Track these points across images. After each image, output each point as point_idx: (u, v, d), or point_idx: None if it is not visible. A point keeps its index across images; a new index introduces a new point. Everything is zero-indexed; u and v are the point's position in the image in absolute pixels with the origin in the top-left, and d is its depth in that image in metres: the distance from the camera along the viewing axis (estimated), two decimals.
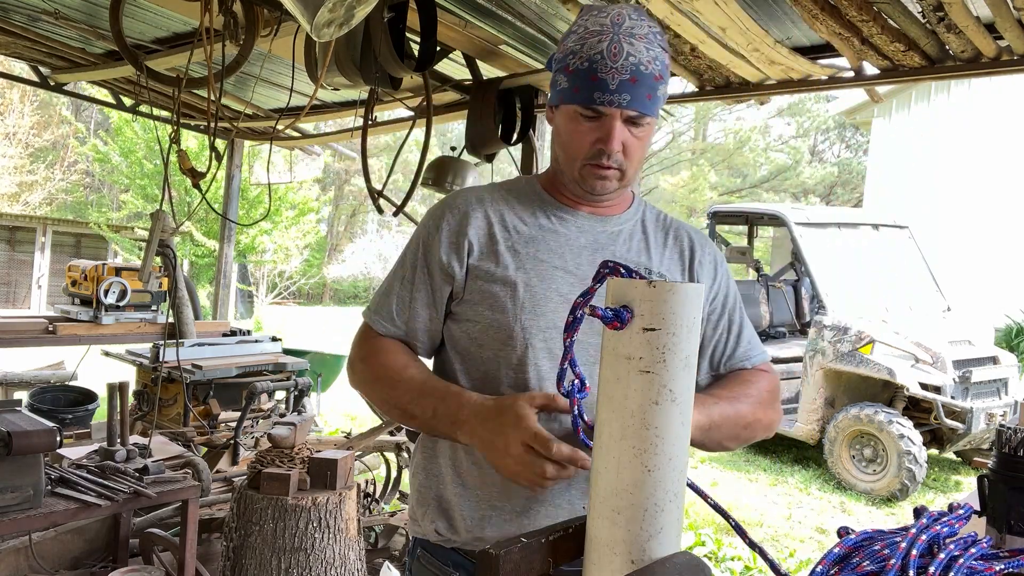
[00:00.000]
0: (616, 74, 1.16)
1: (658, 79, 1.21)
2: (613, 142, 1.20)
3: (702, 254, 1.38)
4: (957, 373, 6.17)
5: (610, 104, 1.17)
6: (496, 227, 1.29)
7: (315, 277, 24.92)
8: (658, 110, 1.23)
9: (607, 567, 0.96)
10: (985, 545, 0.98)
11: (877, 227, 7.74)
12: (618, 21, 1.19)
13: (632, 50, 1.18)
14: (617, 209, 1.36)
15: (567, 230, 1.31)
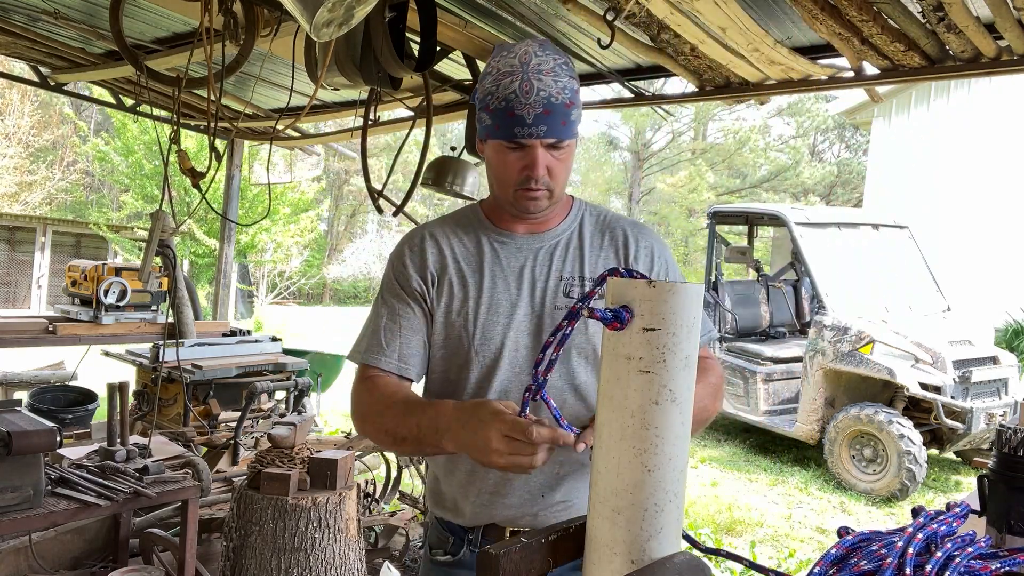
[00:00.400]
0: (530, 109, 1.28)
1: (569, 106, 1.31)
2: (538, 168, 1.32)
3: (637, 247, 1.45)
4: (957, 373, 6.17)
5: (530, 136, 1.29)
6: (448, 258, 1.43)
7: (315, 277, 24.92)
8: (574, 131, 1.34)
9: (607, 567, 0.96)
10: (983, 544, 0.98)
11: (877, 227, 7.74)
12: (525, 60, 1.30)
13: (541, 85, 1.28)
14: (554, 222, 1.46)
15: (506, 252, 1.43)
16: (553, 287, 1.40)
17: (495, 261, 1.42)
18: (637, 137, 32.16)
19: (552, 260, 1.42)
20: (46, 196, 21.44)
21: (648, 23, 3.06)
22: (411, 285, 1.43)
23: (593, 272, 1.41)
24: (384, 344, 1.40)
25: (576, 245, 1.44)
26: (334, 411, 8.13)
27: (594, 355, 1.40)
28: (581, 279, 1.40)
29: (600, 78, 4.18)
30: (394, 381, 1.39)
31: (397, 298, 1.44)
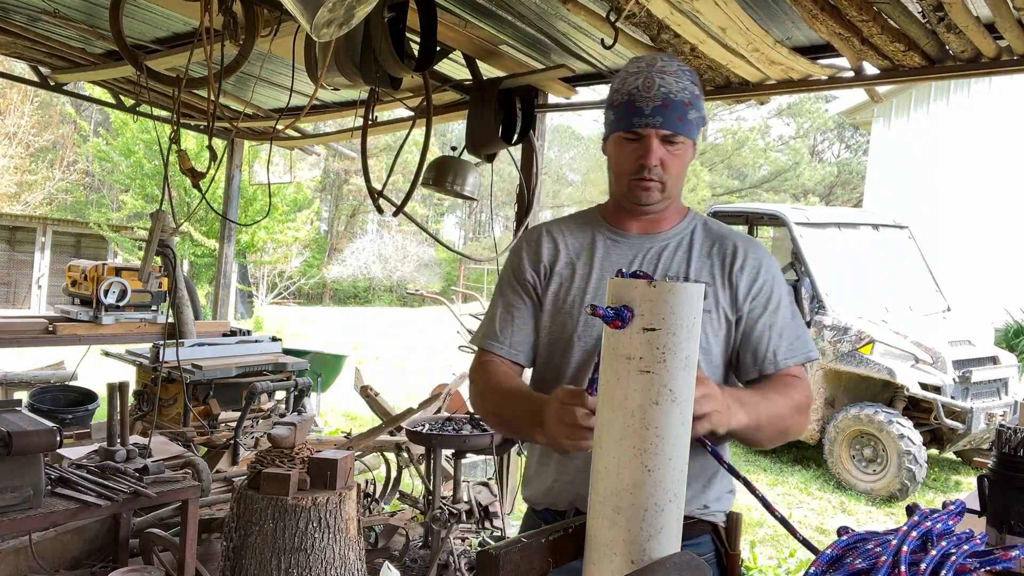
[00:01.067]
0: (650, 101, 1.39)
1: (687, 105, 1.41)
2: (651, 157, 1.40)
3: (744, 259, 1.50)
4: (957, 373, 6.17)
5: (646, 126, 1.39)
6: (561, 252, 1.55)
7: (315, 277, 24.92)
8: (691, 131, 1.43)
9: (607, 567, 0.96)
10: (978, 541, 0.98)
11: (877, 227, 7.74)
12: (651, 63, 1.43)
13: (662, 82, 1.39)
14: (665, 225, 1.54)
15: (617, 249, 1.52)
16: None
17: (606, 256, 1.52)
18: None
19: (660, 259, 1.50)
20: (46, 196, 21.44)
21: (648, 23, 3.06)
22: (525, 277, 1.55)
23: (697, 274, 1.48)
24: (498, 331, 1.54)
25: (685, 248, 1.51)
26: (334, 411, 8.13)
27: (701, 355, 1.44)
28: (685, 279, 1.46)
29: (600, 78, 4.18)
30: (506, 366, 1.53)
31: (512, 289, 1.57)
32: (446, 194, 4.28)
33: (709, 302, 1.45)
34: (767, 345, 1.46)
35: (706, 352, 1.45)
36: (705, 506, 1.47)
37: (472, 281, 23.93)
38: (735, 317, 1.48)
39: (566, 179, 35.70)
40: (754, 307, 1.48)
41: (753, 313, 1.48)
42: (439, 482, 3.42)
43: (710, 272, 1.48)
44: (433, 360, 12.40)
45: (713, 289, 1.47)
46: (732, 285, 1.48)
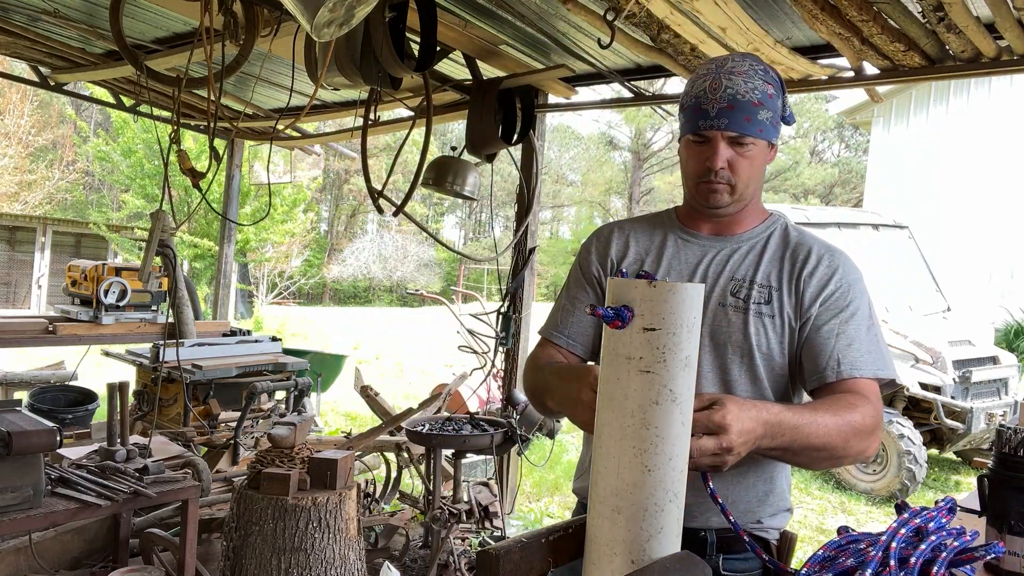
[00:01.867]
0: (715, 103, 1.36)
1: (756, 105, 1.37)
2: (717, 160, 1.38)
3: (816, 263, 1.44)
4: (957, 373, 6.17)
5: (711, 128, 1.37)
6: (631, 248, 1.55)
7: (315, 277, 24.92)
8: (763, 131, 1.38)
9: (607, 567, 0.96)
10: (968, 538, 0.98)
11: (877, 227, 7.73)
12: (721, 63, 1.40)
13: (729, 84, 1.36)
14: (740, 228, 1.50)
15: (688, 248, 1.51)
16: (723, 285, 1.44)
17: (675, 255, 1.51)
18: (637, 137, 32.16)
19: (729, 261, 1.47)
20: (46, 196, 21.44)
21: (648, 23, 3.06)
22: (591, 271, 1.57)
23: (765, 278, 1.43)
24: (559, 322, 1.56)
25: (758, 252, 1.47)
26: (334, 411, 8.13)
27: (750, 354, 1.41)
28: (751, 283, 1.43)
29: (600, 78, 4.18)
30: (561, 353, 1.53)
31: (577, 283, 1.59)
32: (446, 194, 4.28)
33: (772, 307, 1.41)
34: (831, 352, 1.36)
35: (768, 359, 1.40)
36: (759, 521, 1.42)
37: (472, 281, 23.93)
38: (799, 323, 1.41)
39: (566, 179, 35.71)
40: (822, 312, 1.40)
41: (820, 318, 1.39)
42: (439, 482, 3.42)
43: (778, 276, 1.43)
44: (433, 360, 12.40)
45: (779, 293, 1.42)
46: (799, 290, 1.42)
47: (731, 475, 1.39)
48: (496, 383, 4.90)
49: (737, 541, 1.40)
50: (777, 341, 1.40)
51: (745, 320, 1.40)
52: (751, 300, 1.41)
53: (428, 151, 3.73)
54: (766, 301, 1.41)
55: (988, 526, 1.11)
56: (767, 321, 1.40)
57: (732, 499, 1.40)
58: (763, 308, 1.40)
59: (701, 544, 1.40)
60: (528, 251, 4.42)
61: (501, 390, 4.65)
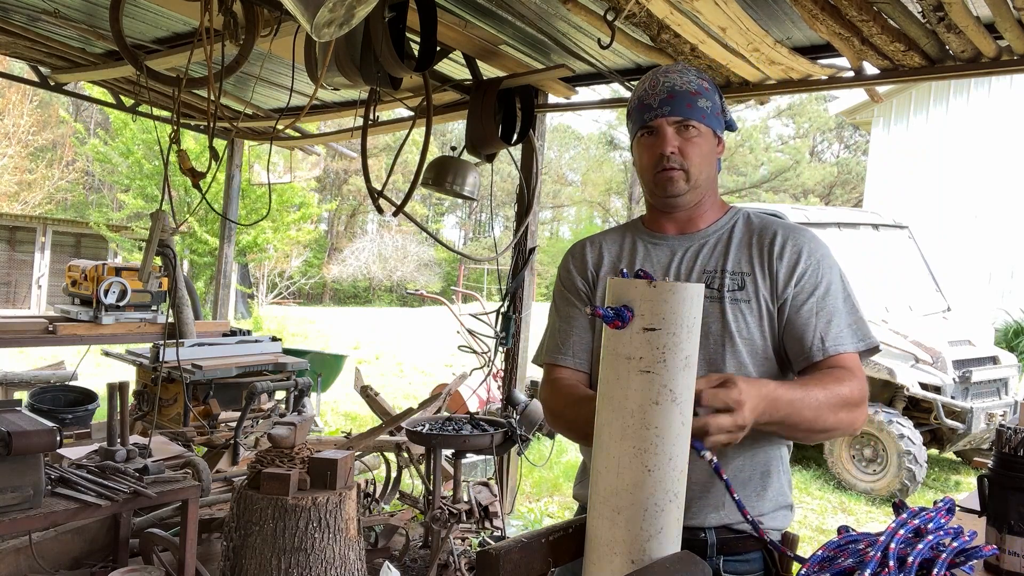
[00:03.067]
0: (656, 96, 1.45)
1: (694, 94, 1.45)
2: (666, 145, 1.43)
3: (783, 245, 1.46)
4: (957, 373, 6.17)
5: (655, 117, 1.44)
6: (605, 258, 1.59)
7: (315, 277, 24.92)
8: (704, 118, 1.45)
9: (607, 567, 0.96)
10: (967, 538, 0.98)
11: (877, 227, 7.73)
12: (657, 70, 1.51)
13: (666, 80, 1.46)
14: (703, 223, 1.54)
15: (656, 250, 1.55)
16: (695, 279, 1.47)
17: (646, 258, 1.54)
18: None
19: (698, 256, 1.50)
20: (46, 196, 21.44)
21: (648, 23, 3.06)
22: (576, 286, 1.59)
23: (735, 265, 1.46)
24: (560, 344, 1.56)
25: (724, 243, 1.51)
26: (334, 411, 8.13)
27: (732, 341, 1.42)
28: (722, 272, 1.46)
29: (600, 78, 4.18)
30: (573, 377, 1.53)
31: (565, 301, 1.60)
32: (446, 194, 4.28)
33: (747, 291, 1.43)
34: (813, 331, 1.40)
35: (749, 343, 1.41)
36: (760, 515, 1.43)
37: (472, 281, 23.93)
38: (776, 306, 1.43)
39: (566, 179, 35.71)
40: (798, 292, 1.43)
41: (797, 299, 1.42)
42: (439, 482, 3.42)
43: (748, 262, 1.46)
44: (433, 360, 12.40)
45: (751, 278, 1.44)
46: (772, 272, 1.44)
47: (728, 470, 1.39)
48: (496, 383, 4.90)
49: (738, 542, 1.41)
50: (756, 325, 1.42)
51: (722, 308, 1.42)
52: (725, 288, 1.44)
53: (428, 151, 3.73)
54: (739, 287, 1.44)
55: (988, 526, 1.11)
56: (743, 307, 1.43)
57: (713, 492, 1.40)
58: (738, 294, 1.43)
59: (701, 545, 1.39)
60: (528, 251, 4.42)
61: (501, 390, 4.65)
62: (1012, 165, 10.63)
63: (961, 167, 11.03)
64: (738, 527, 1.41)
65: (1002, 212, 10.65)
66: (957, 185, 11.03)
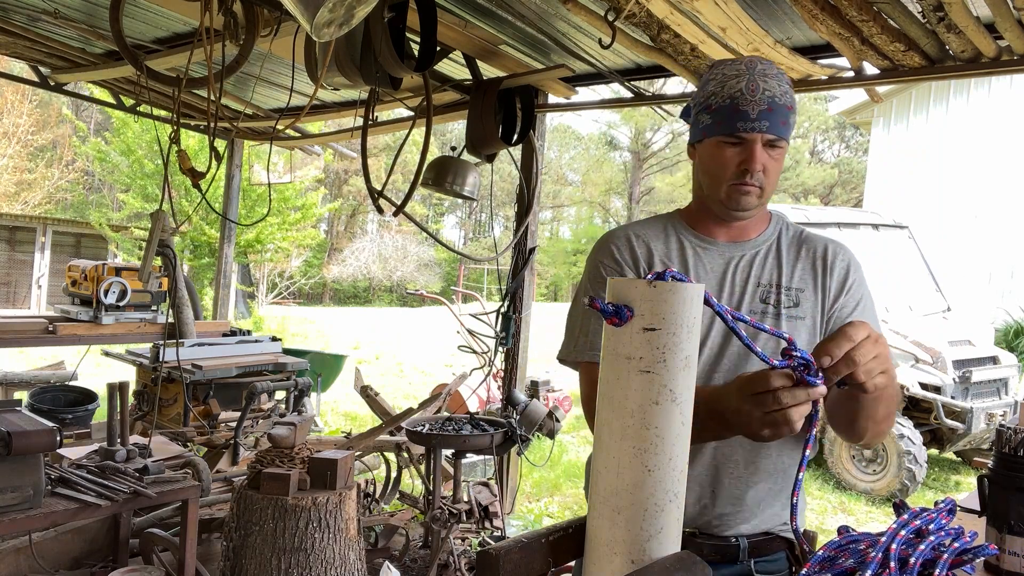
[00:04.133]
0: (756, 106, 1.35)
1: (789, 109, 1.38)
2: (755, 162, 1.36)
3: (834, 259, 1.48)
4: (957, 373, 6.17)
5: (752, 130, 1.35)
6: (654, 256, 1.48)
7: (315, 277, 24.92)
8: (790, 135, 1.40)
9: (607, 567, 0.96)
10: (968, 539, 0.98)
11: (877, 227, 7.73)
12: (751, 65, 1.39)
13: (766, 86, 1.36)
14: (754, 232, 1.50)
15: (708, 257, 1.48)
16: (751, 292, 1.45)
17: (698, 264, 1.47)
18: (637, 137, 32.17)
19: (752, 267, 1.47)
20: (46, 195, 21.44)
21: (648, 23, 3.06)
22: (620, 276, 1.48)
23: (789, 280, 1.45)
24: (595, 342, 1.43)
25: (774, 255, 1.49)
26: (334, 411, 8.13)
27: None
28: (778, 287, 1.44)
29: (600, 78, 4.18)
30: None
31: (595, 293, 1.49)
32: (446, 194, 4.28)
33: (803, 309, 1.43)
34: None
35: None
36: (785, 523, 1.44)
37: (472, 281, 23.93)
38: (824, 320, 1.44)
39: (566, 179, 35.72)
40: (843, 305, 1.44)
41: (843, 312, 1.44)
42: (439, 482, 3.42)
43: (802, 278, 1.45)
44: (433, 360, 12.40)
45: (805, 295, 1.44)
46: (824, 288, 1.45)
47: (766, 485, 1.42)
48: (496, 383, 4.90)
49: (767, 544, 1.43)
50: (811, 342, 1.41)
51: (778, 326, 1.41)
52: (782, 305, 1.42)
53: (428, 151, 3.73)
54: (795, 304, 1.43)
55: (988, 526, 1.11)
56: (798, 324, 1.42)
57: (763, 504, 1.42)
58: (793, 311, 1.42)
59: (734, 551, 1.41)
60: (528, 251, 4.43)
61: (501, 390, 4.65)
62: (1012, 165, 10.63)
63: (961, 167, 11.03)
64: (766, 529, 1.43)
65: (1002, 212, 10.65)
66: (957, 185, 11.03)
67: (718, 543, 1.41)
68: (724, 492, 1.41)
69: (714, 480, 1.41)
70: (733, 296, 1.44)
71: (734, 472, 1.41)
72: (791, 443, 1.43)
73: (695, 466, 1.40)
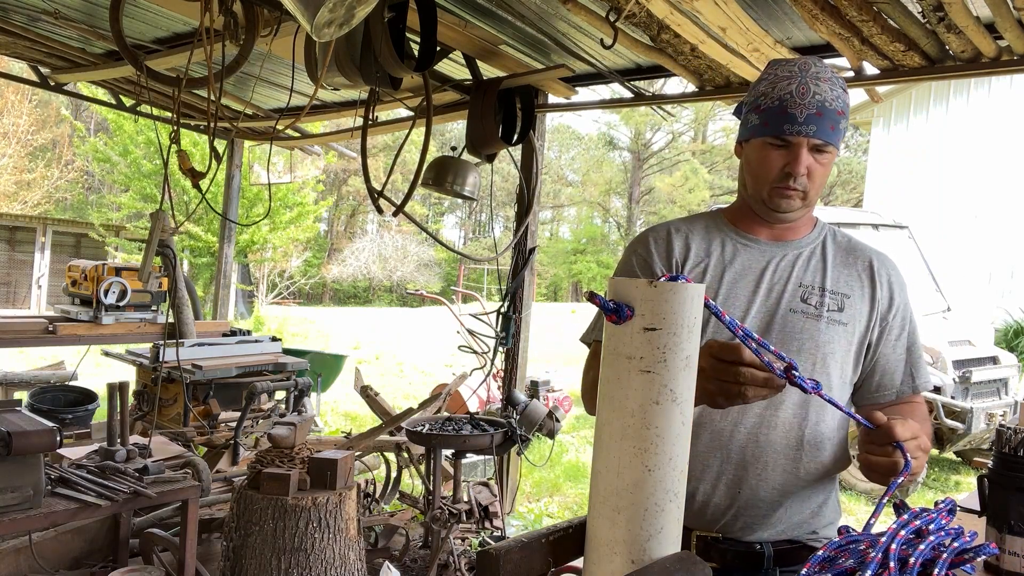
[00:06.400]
0: (804, 109, 1.33)
1: (840, 114, 1.36)
2: (799, 166, 1.35)
3: (884, 274, 1.48)
4: (957, 373, 6.16)
5: (798, 134, 1.33)
6: (692, 252, 1.48)
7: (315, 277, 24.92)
8: (839, 140, 1.37)
9: (607, 567, 0.96)
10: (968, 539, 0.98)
11: (877, 227, 7.73)
12: (804, 68, 1.37)
13: (817, 90, 1.34)
14: (798, 234, 1.48)
15: (749, 254, 1.46)
16: (791, 291, 1.42)
17: (737, 260, 1.46)
18: (637, 137, 32.17)
19: (794, 267, 1.45)
20: (45, 195, 21.44)
21: (648, 23, 3.06)
22: (653, 270, 1.47)
23: (835, 285, 1.43)
24: None
25: (819, 257, 1.46)
26: (334, 411, 8.13)
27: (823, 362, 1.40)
28: (821, 289, 1.42)
29: (600, 78, 4.18)
30: None
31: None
32: (446, 194, 4.28)
33: (847, 314, 1.41)
34: (906, 366, 1.42)
35: (841, 368, 1.40)
36: (814, 532, 1.43)
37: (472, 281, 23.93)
38: (872, 333, 1.43)
39: (566, 179, 35.72)
40: (892, 325, 1.44)
41: (892, 332, 1.44)
42: (439, 482, 3.42)
43: (848, 284, 1.44)
44: (433, 360, 12.40)
45: (851, 301, 1.43)
46: (872, 300, 1.44)
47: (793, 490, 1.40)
48: (496, 383, 4.90)
49: (793, 552, 1.40)
50: (849, 350, 1.41)
51: (818, 327, 1.39)
52: (824, 307, 1.41)
53: (428, 151, 3.73)
54: (839, 309, 1.41)
55: (988, 526, 1.11)
56: (839, 329, 1.40)
57: (790, 513, 1.40)
58: (836, 315, 1.41)
59: (758, 558, 1.39)
60: (528, 251, 4.42)
61: (501, 390, 4.65)
62: (1012, 165, 10.63)
63: (961, 167, 11.03)
64: (792, 537, 1.41)
65: (1002, 212, 10.65)
66: (957, 185, 11.03)
67: (741, 549, 1.38)
68: (750, 494, 1.38)
69: (740, 481, 1.38)
70: (772, 293, 1.42)
71: (761, 474, 1.38)
72: (821, 449, 1.41)
73: (721, 465, 1.39)
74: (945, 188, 11.11)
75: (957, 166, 11.08)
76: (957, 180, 11.04)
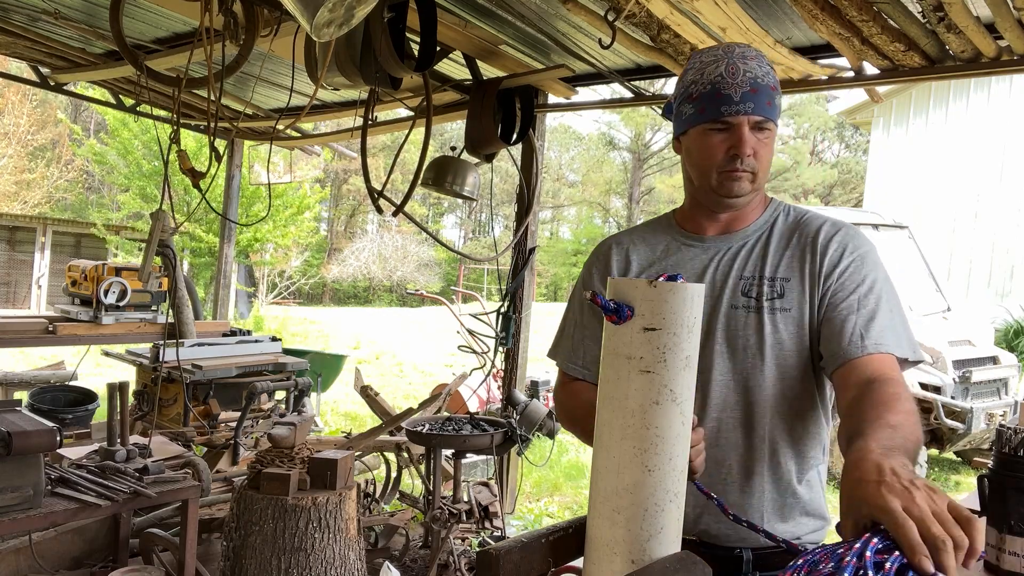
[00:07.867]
0: (738, 88, 1.30)
1: (773, 89, 1.33)
2: (745, 146, 1.31)
3: (827, 240, 1.37)
4: (957, 373, 6.16)
5: (737, 113, 1.30)
6: (632, 263, 1.49)
7: (315, 277, 24.91)
8: (777, 116, 1.34)
9: (607, 567, 0.96)
10: None
11: (877, 227, 7.73)
12: (729, 50, 1.35)
13: (747, 68, 1.31)
14: (747, 220, 1.44)
15: (691, 255, 1.44)
16: (732, 287, 1.39)
17: (679, 263, 1.44)
18: (637, 137, 32.17)
19: (735, 261, 1.40)
20: (45, 195, 21.43)
21: (648, 23, 3.06)
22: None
23: (774, 271, 1.37)
24: (573, 350, 1.53)
25: (762, 245, 1.41)
26: (334, 411, 8.13)
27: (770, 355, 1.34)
28: (760, 278, 1.37)
29: (600, 78, 4.18)
30: (589, 389, 1.45)
31: (582, 306, 1.53)
32: (446, 194, 4.28)
33: (788, 299, 1.34)
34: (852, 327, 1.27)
35: (783, 359, 1.34)
36: (797, 537, 1.37)
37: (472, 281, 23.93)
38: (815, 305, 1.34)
39: (566, 179, 35.71)
40: (838, 289, 1.32)
41: (837, 296, 1.32)
42: (439, 482, 3.42)
43: (788, 265, 1.37)
44: (433, 360, 12.40)
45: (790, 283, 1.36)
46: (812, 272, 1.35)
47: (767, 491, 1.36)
48: (496, 383, 4.89)
49: (774, 557, 1.35)
50: (794, 337, 1.34)
51: (760, 320, 1.34)
52: (763, 297, 1.35)
53: (428, 151, 3.73)
54: (779, 295, 1.35)
55: (988, 526, 1.11)
56: (781, 316, 1.34)
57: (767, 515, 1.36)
58: (777, 303, 1.35)
59: (736, 562, 1.36)
60: (528, 251, 4.42)
61: (501, 390, 4.65)
62: (1012, 165, 10.64)
63: (961, 167, 11.03)
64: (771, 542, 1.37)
65: (1002, 212, 10.65)
66: (957, 185, 11.03)
67: (719, 554, 1.34)
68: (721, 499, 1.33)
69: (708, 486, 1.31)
70: (713, 292, 1.39)
71: (728, 478, 1.36)
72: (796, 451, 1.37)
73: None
74: (945, 188, 11.11)
75: (957, 166, 11.09)
76: (957, 180, 11.04)
